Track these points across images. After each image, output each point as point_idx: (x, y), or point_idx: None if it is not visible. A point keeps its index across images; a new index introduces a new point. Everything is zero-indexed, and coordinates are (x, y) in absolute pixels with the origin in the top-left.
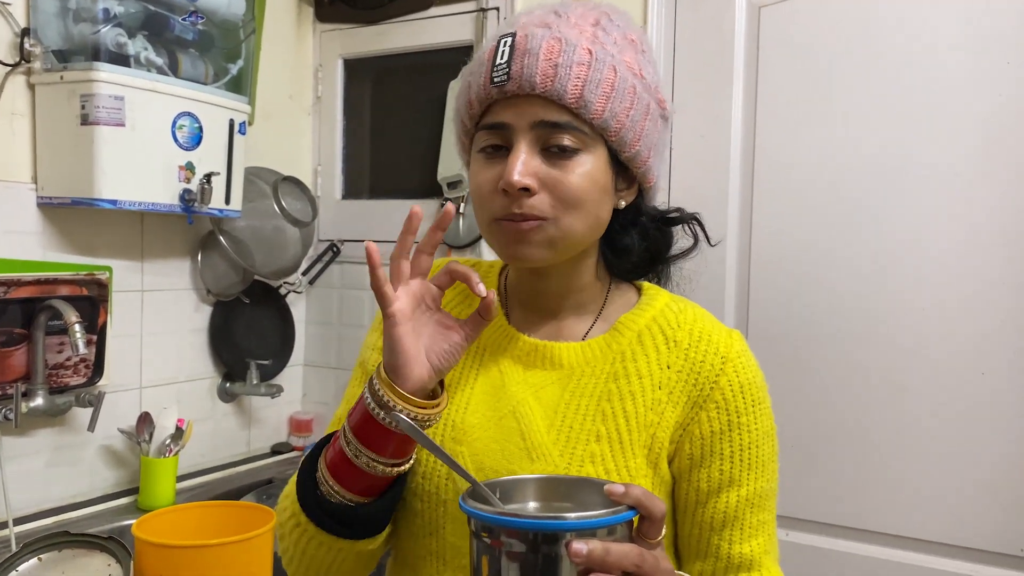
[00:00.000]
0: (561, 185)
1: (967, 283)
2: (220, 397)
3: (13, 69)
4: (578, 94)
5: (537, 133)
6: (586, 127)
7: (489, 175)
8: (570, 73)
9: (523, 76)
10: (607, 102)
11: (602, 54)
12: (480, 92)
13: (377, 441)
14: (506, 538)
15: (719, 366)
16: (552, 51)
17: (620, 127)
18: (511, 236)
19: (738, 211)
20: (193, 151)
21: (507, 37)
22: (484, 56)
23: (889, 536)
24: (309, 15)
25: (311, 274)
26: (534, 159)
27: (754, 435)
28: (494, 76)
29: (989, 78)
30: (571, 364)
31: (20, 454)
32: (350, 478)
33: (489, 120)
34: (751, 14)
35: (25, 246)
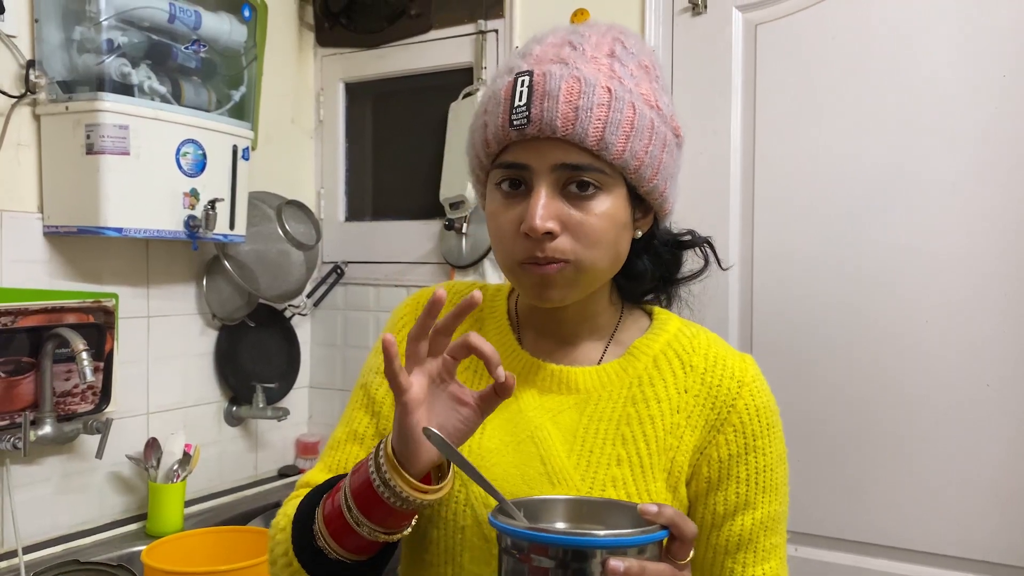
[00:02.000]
0: (583, 226)
1: (969, 294)
2: (227, 421)
3: (19, 100)
4: (599, 136)
5: (558, 175)
6: (606, 167)
7: (509, 216)
8: (591, 116)
9: (543, 120)
10: (627, 142)
11: (621, 91)
12: (498, 133)
13: (380, 514)
14: (536, 555)
15: (735, 390)
16: (572, 92)
17: (639, 165)
18: (537, 280)
19: (739, 225)
20: (197, 178)
21: (524, 76)
22: (500, 94)
23: (896, 549)
24: (310, 40)
25: (315, 296)
26: (555, 201)
27: (769, 458)
28: (513, 119)
29: (985, 91)
30: (587, 388)
31: (29, 482)
32: (348, 540)
33: (508, 159)
34: (748, 31)
35: (32, 275)
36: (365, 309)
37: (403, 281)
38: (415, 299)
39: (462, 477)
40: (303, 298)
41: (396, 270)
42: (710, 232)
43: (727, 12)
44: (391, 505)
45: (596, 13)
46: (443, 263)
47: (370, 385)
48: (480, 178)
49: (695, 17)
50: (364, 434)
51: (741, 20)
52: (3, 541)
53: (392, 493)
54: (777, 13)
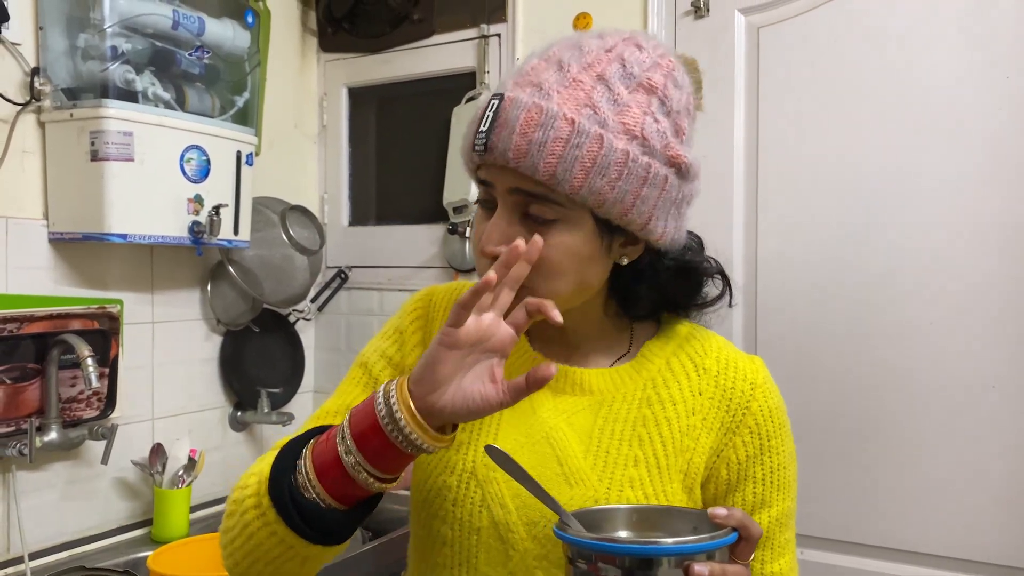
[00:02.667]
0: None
1: (974, 296)
2: (231, 426)
3: (24, 108)
4: (551, 171)
5: (515, 199)
6: (563, 199)
7: (478, 231)
8: (543, 150)
9: (498, 149)
10: (586, 177)
11: (588, 124)
12: (467, 152)
13: (380, 456)
14: (605, 564)
15: (749, 392)
16: (529, 123)
17: (603, 200)
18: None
19: (743, 227)
20: (201, 183)
21: (495, 100)
22: (476, 114)
23: (901, 552)
24: (313, 45)
25: (319, 301)
26: (512, 226)
27: (782, 457)
28: (476, 143)
29: (988, 92)
30: (601, 389)
31: (35, 488)
32: (337, 483)
33: (480, 175)
34: (750, 34)
35: (37, 281)
36: (369, 314)
37: (407, 285)
38: (427, 295)
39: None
40: (307, 303)
41: (400, 274)
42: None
43: (730, 15)
44: (391, 439)
45: (598, 17)
46: (447, 267)
47: (373, 366)
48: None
49: (698, 20)
50: None
51: (744, 23)
52: (9, 547)
53: (396, 427)
54: (780, 16)
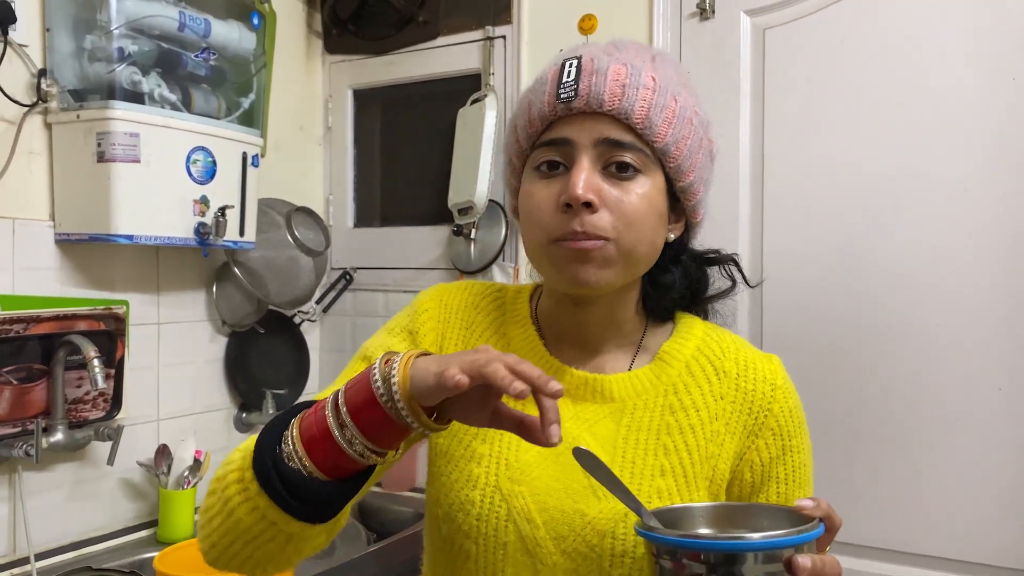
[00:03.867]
0: (623, 204)
1: (980, 297)
2: (236, 427)
3: (30, 109)
4: (645, 115)
5: (600, 151)
6: (648, 149)
7: (547, 193)
8: (637, 95)
9: (591, 94)
10: (669, 128)
11: (665, 82)
12: (544, 109)
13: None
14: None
15: (770, 394)
16: (620, 73)
17: (679, 154)
18: (572, 256)
19: (748, 227)
20: (207, 185)
21: (572, 59)
22: (547, 76)
23: (903, 554)
24: (318, 47)
25: (325, 302)
26: (595, 176)
27: (803, 455)
28: (560, 93)
29: (994, 93)
30: (622, 397)
31: (40, 489)
32: (325, 453)
33: (550, 136)
34: (756, 35)
35: (43, 282)
36: (374, 315)
37: (412, 287)
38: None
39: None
40: (312, 304)
41: (405, 276)
42: (720, 234)
43: (735, 16)
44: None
45: (604, 18)
46: (452, 269)
47: (373, 356)
48: (516, 168)
49: (703, 22)
50: None
51: (749, 24)
52: (15, 548)
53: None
54: (785, 17)
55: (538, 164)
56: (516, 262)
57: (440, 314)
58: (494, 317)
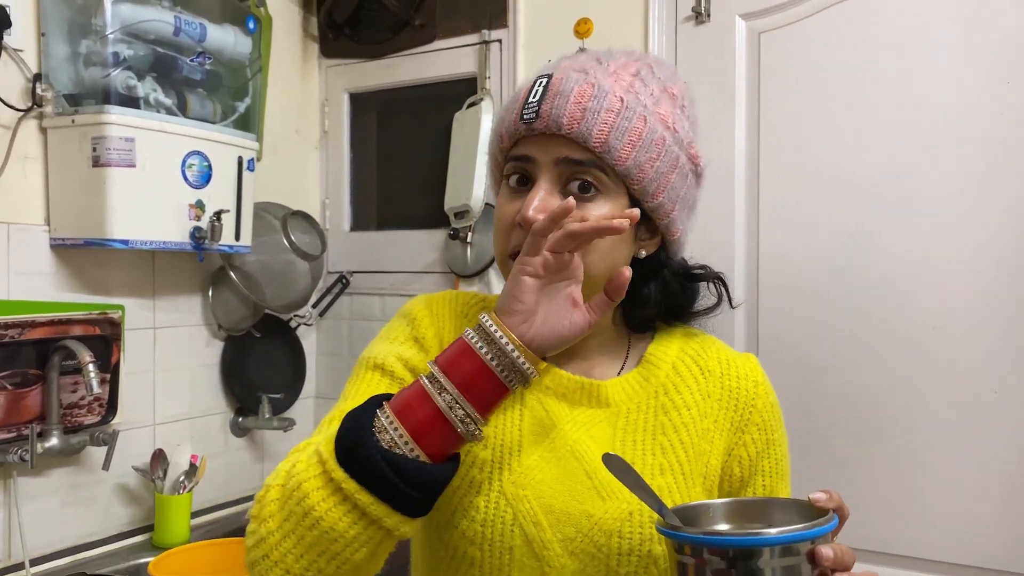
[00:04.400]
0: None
1: (975, 300)
2: (233, 432)
3: (26, 114)
4: (603, 139)
5: (560, 170)
6: (609, 171)
7: (509, 208)
8: (597, 118)
9: (551, 116)
10: (632, 150)
11: (634, 103)
12: (510, 127)
13: (482, 387)
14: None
15: (753, 390)
16: (583, 95)
17: (643, 176)
18: None
19: (744, 232)
20: (203, 189)
21: (543, 78)
22: (519, 94)
23: (901, 557)
24: (314, 51)
25: (321, 306)
26: (554, 197)
27: (783, 448)
28: (524, 113)
29: (989, 97)
30: (615, 401)
31: (36, 494)
32: (436, 435)
33: (516, 152)
34: (751, 39)
35: (38, 287)
36: (371, 319)
37: (408, 290)
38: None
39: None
40: (309, 308)
41: (401, 280)
42: (715, 239)
43: (730, 21)
44: (499, 375)
45: (599, 23)
46: (448, 272)
47: (394, 367)
48: (496, 177)
49: (699, 26)
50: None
51: (744, 28)
52: (11, 553)
53: (504, 358)
54: (780, 21)
55: (507, 176)
56: None
57: (435, 323)
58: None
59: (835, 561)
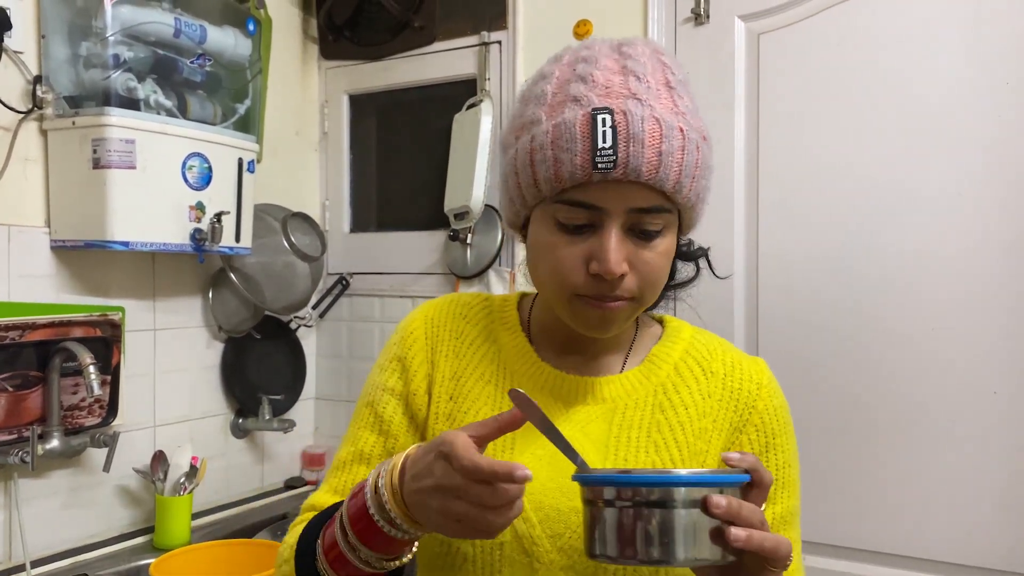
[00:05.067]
0: (648, 266)
1: (975, 301)
2: (233, 433)
3: (26, 116)
4: (677, 179)
5: (630, 217)
6: (674, 207)
7: (572, 251)
8: (672, 160)
9: (629, 165)
10: (693, 182)
11: (690, 132)
12: (575, 172)
13: (381, 544)
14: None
15: (755, 392)
16: (655, 137)
17: (699, 201)
18: (597, 315)
19: (743, 233)
20: (203, 191)
21: (604, 114)
22: (576, 129)
23: (901, 557)
24: (314, 53)
25: (321, 308)
26: (625, 244)
27: (787, 455)
28: (598, 161)
29: (989, 98)
30: (613, 397)
31: (36, 496)
32: (346, 569)
33: (579, 198)
34: (750, 40)
35: (39, 289)
36: (370, 320)
37: (408, 292)
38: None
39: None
40: (308, 310)
41: (401, 281)
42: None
43: (730, 22)
44: (391, 536)
45: (599, 24)
46: (448, 274)
47: (377, 403)
48: (527, 203)
49: (698, 27)
50: (371, 454)
51: (744, 30)
52: (11, 555)
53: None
54: (779, 23)
55: (561, 220)
56: (512, 267)
57: (427, 331)
58: (483, 325)
59: (727, 511)
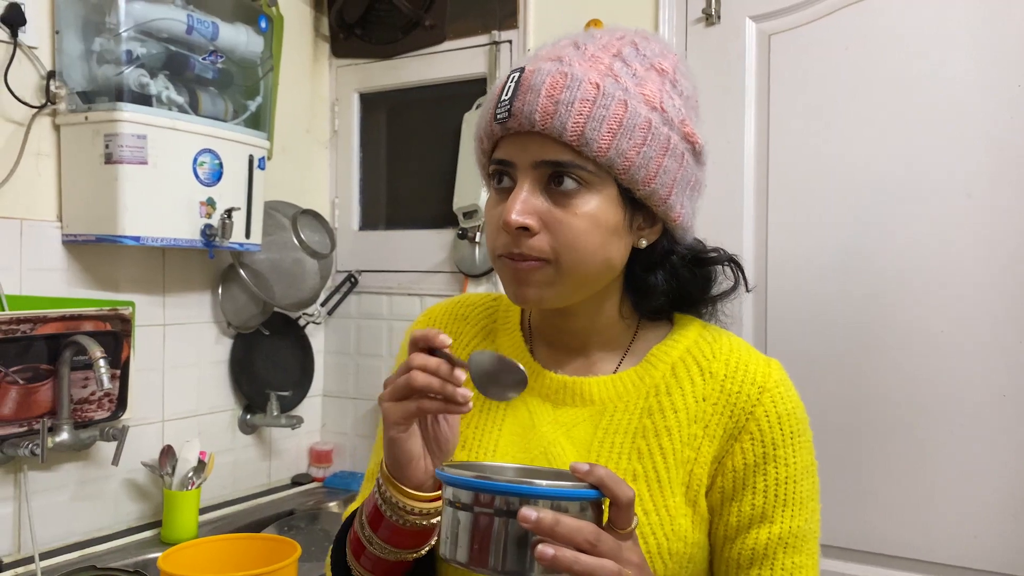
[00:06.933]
0: (561, 225)
1: (984, 303)
2: (241, 429)
3: (39, 111)
4: (579, 132)
5: (540, 172)
6: (590, 164)
7: (496, 211)
8: (571, 110)
9: (523, 113)
10: (612, 139)
11: (612, 88)
12: (487, 128)
13: (393, 537)
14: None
15: (756, 396)
16: (555, 87)
17: (629, 165)
18: (511, 275)
19: (752, 232)
20: (214, 187)
21: (515, 72)
22: (495, 91)
23: (907, 560)
24: (325, 51)
25: (329, 305)
26: (536, 197)
27: (791, 469)
28: (497, 112)
29: (998, 99)
30: (602, 399)
31: (46, 488)
32: (371, 563)
33: (496, 155)
34: (761, 41)
35: (50, 283)
36: (379, 318)
37: (416, 290)
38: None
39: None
40: (317, 307)
41: (409, 279)
42: (724, 240)
43: (740, 22)
44: (399, 526)
45: (610, 23)
46: (456, 272)
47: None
48: (484, 176)
49: (709, 27)
50: None
51: (754, 30)
52: (20, 547)
53: (390, 508)
54: (790, 23)
55: (491, 177)
56: None
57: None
58: (483, 326)
59: (536, 525)
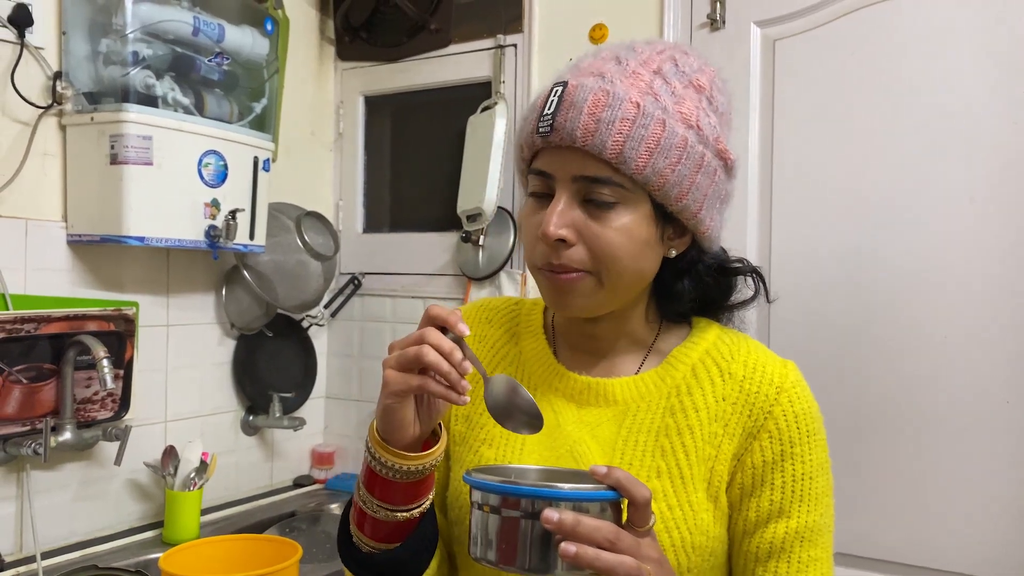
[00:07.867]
0: (598, 239)
1: (987, 308)
2: (243, 430)
3: (45, 111)
4: (618, 150)
5: (578, 186)
6: (627, 181)
7: (534, 220)
8: (611, 128)
9: (565, 128)
10: (650, 158)
11: (652, 107)
12: (528, 139)
13: (384, 492)
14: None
15: (773, 396)
16: (597, 104)
17: (664, 182)
18: (552, 287)
19: (756, 237)
20: (218, 188)
21: (559, 86)
22: (537, 102)
23: (910, 567)
24: (330, 54)
25: (333, 307)
26: (573, 210)
27: (807, 466)
28: (540, 126)
29: (1003, 106)
30: (625, 400)
31: (48, 488)
32: (371, 527)
33: (536, 166)
34: (766, 46)
35: (55, 283)
36: (382, 320)
37: (420, 293)
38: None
39: None
40: (320, 308)
41: (413, 282)
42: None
43: (745, 28)
44: (387, 478)
45: (614, 27)
46: (460, 275)
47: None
48: (523, 182)
49: (713, 32)
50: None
51: (759, 36)
52: (22, 546)
53: (380, 465)
54: (795, 29)
55: (530, 190)
56: (524, 269)
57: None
58: (507, 329)
59: (558, 526)
